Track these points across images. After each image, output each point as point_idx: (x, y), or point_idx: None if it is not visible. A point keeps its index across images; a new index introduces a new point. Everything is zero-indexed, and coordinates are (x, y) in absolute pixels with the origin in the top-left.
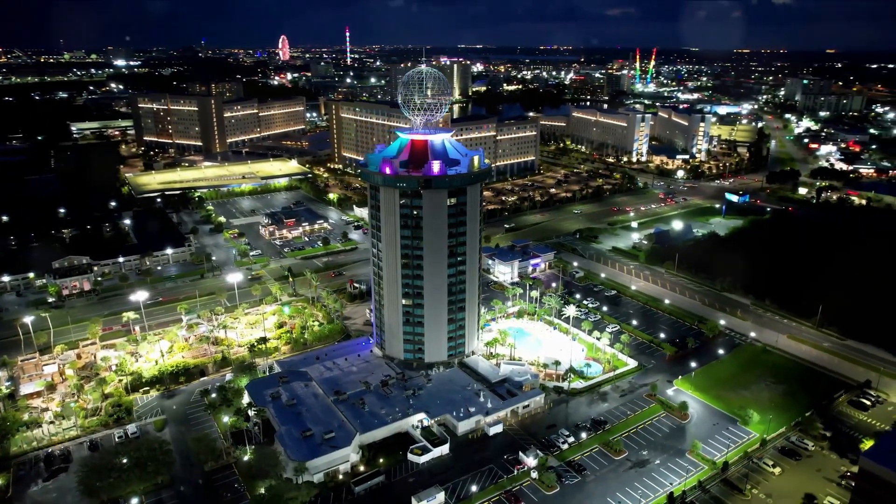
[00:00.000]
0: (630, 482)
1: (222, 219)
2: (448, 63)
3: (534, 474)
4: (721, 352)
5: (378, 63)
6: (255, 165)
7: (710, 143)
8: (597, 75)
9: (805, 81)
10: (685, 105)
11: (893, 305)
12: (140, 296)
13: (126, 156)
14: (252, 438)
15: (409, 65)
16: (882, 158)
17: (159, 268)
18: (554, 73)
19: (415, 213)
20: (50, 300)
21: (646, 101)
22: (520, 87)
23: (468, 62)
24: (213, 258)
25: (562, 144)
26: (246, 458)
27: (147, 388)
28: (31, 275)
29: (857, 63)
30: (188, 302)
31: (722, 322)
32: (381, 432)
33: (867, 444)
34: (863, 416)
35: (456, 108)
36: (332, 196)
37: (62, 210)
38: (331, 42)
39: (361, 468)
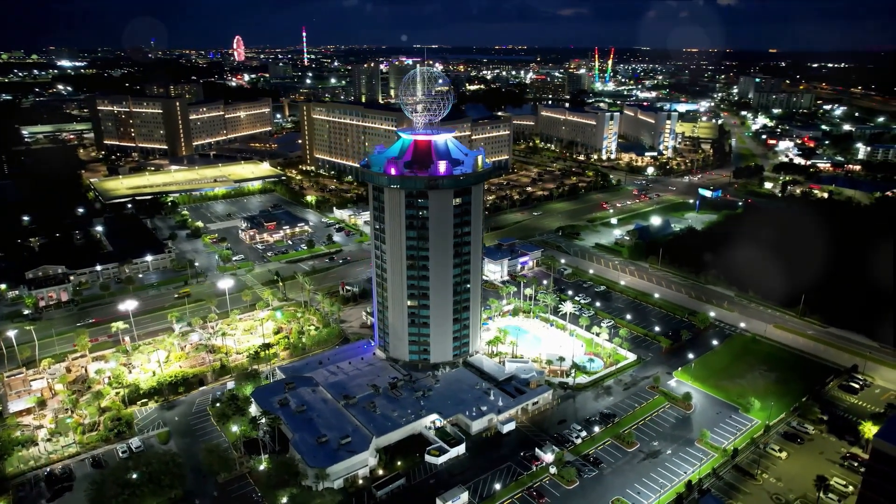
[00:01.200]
0: (646, 473)
1: (200, 223)
2: (410, 63)
3: (552, 469)
4: (715, 343)
5: (336, 63)
6: (226, 168)
7: (675, 140)
8: (556, 74)
9: (757, 80)
10: (645, 103)
11: (868, 294)
12: (129, 305)
13: (86, 160)
14: (265, 447)
15: (371, 65)
16: (836, 153)
17: (140, 276)
18: (514, 72)
19: (421, 213)
20: (26, 312)
21: (607, 100)
22: (481, 86)
23: (430, 62)
24: (197, 264)
25: (531, 143)
26: (262, 467)
27: (145, 399)
28: (3, 286)
29: (799, 62)
30: (176, 309)
31: (712, 314)
32: (395, 435)
33: (865, 425)
34: (854, 400)
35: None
36: (311, 198)
37: (26, 218)
38: (285, 43)
39: (380, 472)
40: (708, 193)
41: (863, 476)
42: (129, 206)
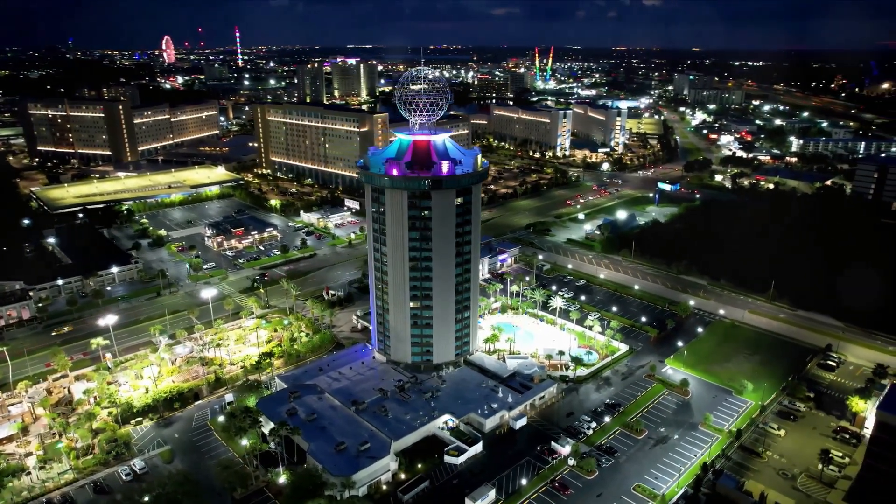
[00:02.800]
0: (659, 458)
1: (163, 232)
2: (354, 63)
3: (571, 461)
4: (700, 330)
5: (272, 64)
6: (179, 174)
7: (625, 137)
8: (498, 73)
9: (691, 77)
10: (588, 100)
11: (827, 278)
12: (108, 319)
13: (18, 168)
14: (282, 459)
15: (314, 66)
16: (772, 146)
17: (109, 288)
18: (454, 71)
19: (424, 214)
20: None
21: (550, 98)
22: (424, 86)
23: (374, 62)
24: (168, 274)
25: (486, 142)
26: (281, 480)
27: (139, 418)
28: None
29: (721, 61)
30: (158, 322)
31: (691, 303)
32: (411, 438)
33: (853, 400)
34: (832, 377)
35: (364, 108)
36: (275, 202)
37: None
38: (215, 43)
39: (402, 476)
40: (667, 187)
41: (867, 446)
42: (81, 215)
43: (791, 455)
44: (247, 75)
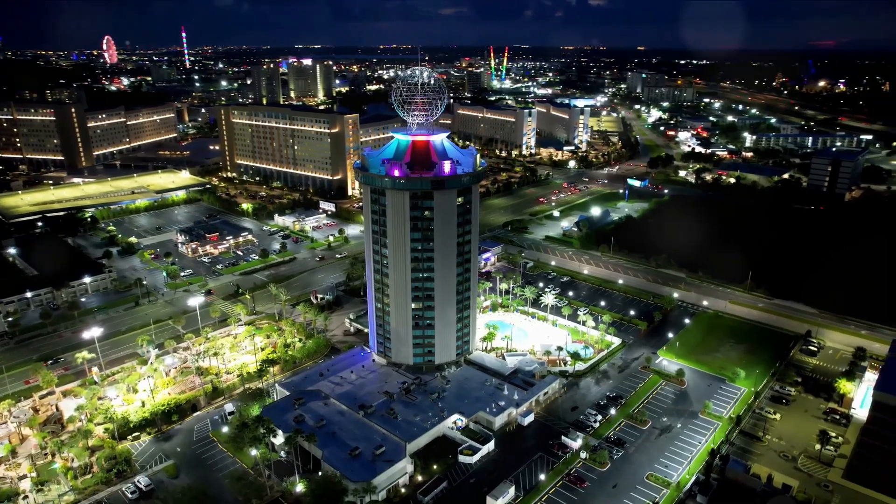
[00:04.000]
0: (666, 447)
1: (133, 239)
2: (310, 64)
3: (583, 454)
4: (687, 321)
5: (221, 65)
6: (142, 179)
7: (588, 134)
8: (453, 72)
9: (644, 75)
10: (544, 99)
11: (799, 266)
12: (94, 332)
13: None
14: (298, 468)
15: (270, 66)
16: (728, 142)
17: (84, 300)
18: (408, 72)
19: (426, 214)
20: None
21: (507, 97)
22: (381, 86)
23: (329, 62)
24: (145, 282)
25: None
26: (298, 489)
27: (137, 433)
28: None
29: (667, 59)
30: (138, 332)
31: (675, 295)
32: (423, 439)
33: (840, 382)
34: (815, 361)
35: (322, 109)
36: (246, 206)
37: None
38: (158, 44)
39: (419, 478)
40: (637, 183)
41: (865, 424)
42: (40, 224)
43: (788, 437)
44: (196, 77)
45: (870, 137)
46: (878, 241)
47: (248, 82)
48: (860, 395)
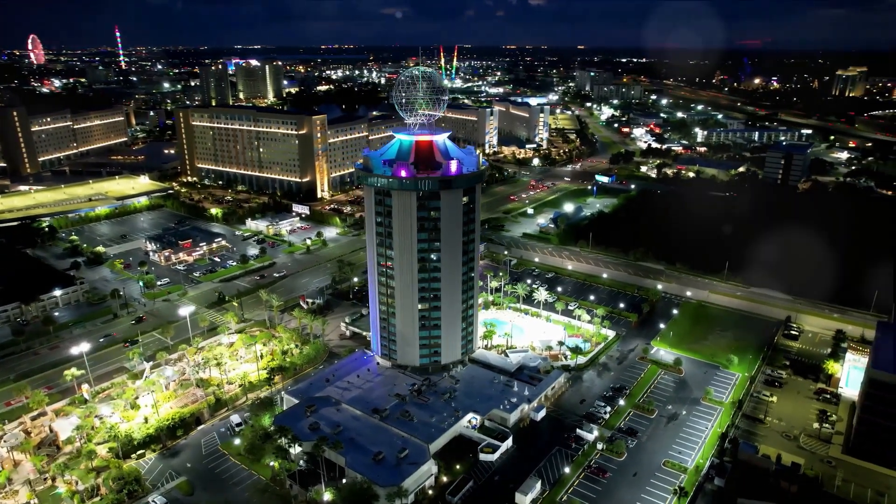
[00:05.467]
0: (676, 433)
1: (101, 249)
2: (259, 65)
3: (599, 446)
4: (675, 312)
5: (160, 67)
6: (99, 185)
7: (547, 132)
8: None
9: (592, 73)
10: (497, 98)
11: (770, 255)
12: (82, 347)
13: None
14: (323, 476)
15: (218, 67)
16: (680, 138)
17: (57, 314)
18: (356, 72)
19: (432, 214)
20: None
21: (461, 96)
22: (331, 87)
23: (279, 63)
24: (122, 294)
25: None
26: (326, 497)
27: (141, 450)
28: None
29: (608, 58)
30: (119, 345)
31: (659, 287)
32: (442, 440)
33: (828, 363)
34: (798, 345)
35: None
36: (216, 211)
37: None
38: (87, 44)
39: (444, 479)
40: (605, 179)
41: (861, 402)
42: None
43: (787, 418)
44: (134, 78)
45: (810, 132)
46: (835, 230)
47: (193, 84)
48: (845, 375)
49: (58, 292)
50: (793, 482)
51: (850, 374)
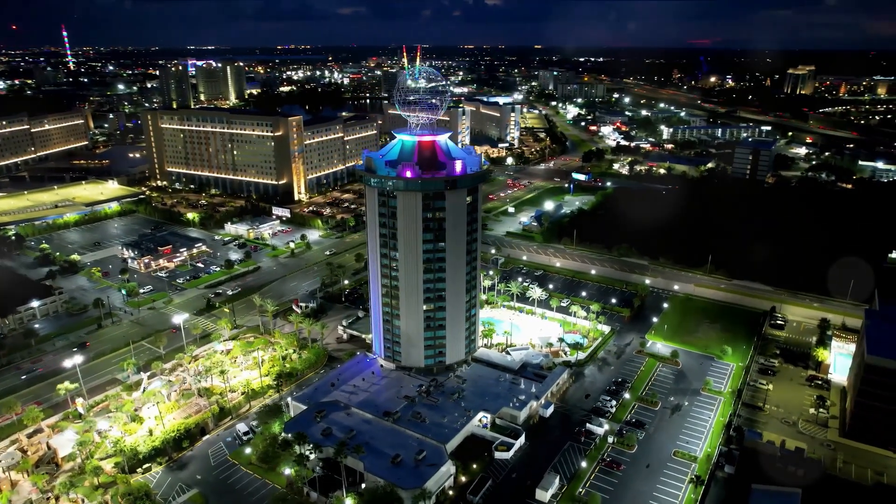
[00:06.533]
0: (681, 424)
1: (76, 257)
2: (220, 66)
3: (610, 439)
4: (665, 305)
5: (111, 68)
6: (65, 191)
7: (518, 131)
8: (368, 73)
9: (556, 73)
10: (462, 98)
11: (749, 248)
12: (76, 359)
13: None
14: (343, 481)
15: (178, 69)
16: (647, 135)
17: (37, 325)
18: (317, 72)
19: (438, 215)
20: None
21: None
22: (294, 87)
23: (240, 64)
24: (104, 303)
25: (381, 141)
26: (348, 502)
27: (147, 464)
28: None
29: (566, 57)
30: (109, 356)
31: (647, 281)
32: (456, 440)
33: (818, 351)
34: (785, 334)
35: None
36: (192, 216)
37: None
38: (27, 43)
39: (462, 479)
40: (582, 177)
41: (859, 386)
42: None
43: (784, 405)
44: (85, 80)
45: (769, 128)
46: (804, 223)
47: (149, 85)
48: (833, 362)
49: (36, 303)
50: (799, 466)
51: (837, 360)
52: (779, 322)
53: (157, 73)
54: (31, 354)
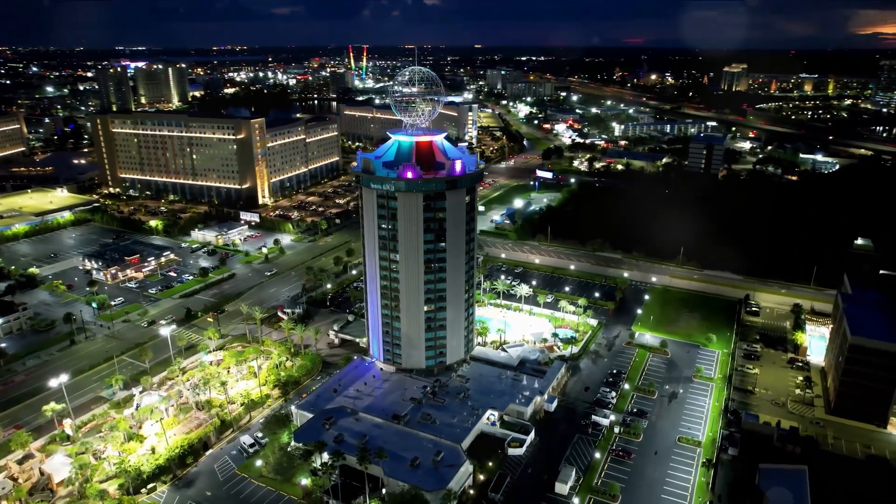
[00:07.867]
0: (680, 411)
1: (35, 270)
2: (161, 67)
3: (616, 430)
4: (647, 297)
5: (35, 69)
6: (9, 200)
7: (476, 130)
8: (315, 74)
9: (503, 72)
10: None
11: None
12: (62, 378)
13: None
14: (365, 486)
15: (118, 70)
16: (600, 132)
17: (3, 345)
18: (262, 74)
19: (438, 215)
20: None
21: (374, 96)
22: (238, 89)
23: (183, 65)
24: (76, 317)
25: (342, 143)
26: None
27: (152, 483)
28: None
29: (508, 56)
30: (89, 373)
31: (625, 275)
32: (469, 439)
33: (797, 335)
34: (760, 321)
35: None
36: (155, 223)
37: None
38: None
39: (480, 477)
40: (548, 175)
41: (844, 366)
42: None
43: (771, 387)
44: (8, 82)
45: (714, 124)
46: (758, 213)
47: (82, 88)
48: (809, 344)
49: None
50: (795, 444)
51: (812, 343)
52: (754, 309)
53: (90, 74)
54: (1, 375)
